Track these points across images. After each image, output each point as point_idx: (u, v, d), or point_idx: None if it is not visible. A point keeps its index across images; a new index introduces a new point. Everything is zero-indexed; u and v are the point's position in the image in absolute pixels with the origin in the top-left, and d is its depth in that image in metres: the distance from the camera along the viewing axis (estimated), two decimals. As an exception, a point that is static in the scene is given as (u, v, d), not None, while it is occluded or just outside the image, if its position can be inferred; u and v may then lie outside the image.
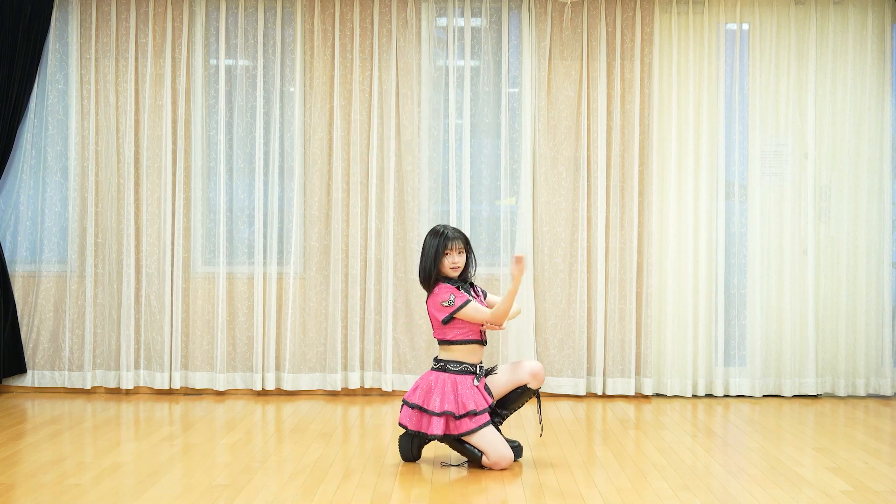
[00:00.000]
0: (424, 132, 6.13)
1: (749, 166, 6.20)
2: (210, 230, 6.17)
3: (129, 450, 4.61)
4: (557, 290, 6.09)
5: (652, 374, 6.09)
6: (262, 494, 3.84)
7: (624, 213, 6.11)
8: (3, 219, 6.12)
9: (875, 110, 6.19)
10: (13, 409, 5.63)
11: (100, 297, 6.09)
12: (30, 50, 6.01)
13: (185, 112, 6.12)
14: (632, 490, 3.95)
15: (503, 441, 4.26)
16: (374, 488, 3.94)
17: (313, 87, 6.11)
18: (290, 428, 5.16)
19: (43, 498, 3.76)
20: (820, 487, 4.01)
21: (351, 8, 6.12)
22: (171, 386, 6.08)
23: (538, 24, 6.13)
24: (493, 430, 4.24)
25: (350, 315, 6.09)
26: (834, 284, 6.18)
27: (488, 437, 4.21)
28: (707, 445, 4.84)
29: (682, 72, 6.18)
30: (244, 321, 6.12)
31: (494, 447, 4.20)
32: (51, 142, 6.13)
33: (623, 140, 6.12)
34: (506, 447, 4.23)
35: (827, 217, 6.22)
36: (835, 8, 6.21)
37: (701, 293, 6.14)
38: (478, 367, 4.34)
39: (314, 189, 6.10)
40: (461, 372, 4.29)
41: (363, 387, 6.14)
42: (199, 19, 6.12)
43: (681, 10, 6.20)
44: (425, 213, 6.12)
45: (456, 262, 4.27)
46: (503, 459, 4.21)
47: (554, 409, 5.77)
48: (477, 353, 4.36)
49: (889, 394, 6.20)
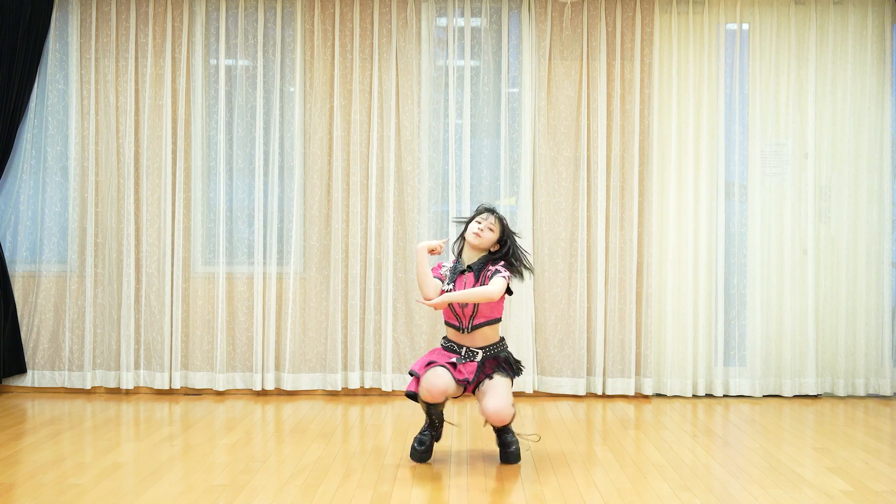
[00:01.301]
0: (424, 132, 6.13)
1: (749, 166, 6.20)
2: (210, 230, 6.17)
3: (129, 450, 4.61)
4: (557, 290, 6.09)
5: (652, 374, 6.09)
6: (262, 494, 3.84)
7: (624, 213, 6.11)
8: (3, 219, 6.12)
9: (875, 110, 6.19)
10: (13, 409, 5.63)
11: (100, 297, 6.09)
12: (30, 50, 6.01)
13: (185, 112, 6.12)
14: (632, 490, 3.95)
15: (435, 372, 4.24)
16: (374, 488, 3.94)
17: (313, 87, 6.11)
18: (290, 428, 5.16)
19: (43, 498, 3.76)
20: (820, 487, 4.01)
21: (351, 8, 6.12)
22: (171, 386, 6.08)
23: (538, 25, 6.13)
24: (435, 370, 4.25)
25: (350, 315, 6.09)
26: (834, 284, 6.18)
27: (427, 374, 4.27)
28: (707, 445, 4.84)
29: (682, 72, 6.18)
30: (244, 321, 6.12)
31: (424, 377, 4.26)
32: (51, 142, 6.13)
33: (623, 140, 6.12)
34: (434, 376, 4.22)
35: (827, 217, 6.22)
36: (835, 8, 6.21)
37: (701, 293, 6.14)
38: (464, 349, 4.36)
39: (314, 189, 6.10)
40: (448, 349, 4.42)
41: (363, 387, 6.14)
42: (199, 19, 6.12)
43: (681, 10, 6.20)
44: (425, 213, 6.12)
45: (480, 227, 4.36)
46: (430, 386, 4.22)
47: (554, 409, 5.77)
48: (460, 337, 4.38)
49: (889, 394, 6.20)
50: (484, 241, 4.36)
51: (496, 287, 4.25)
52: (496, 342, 4.42)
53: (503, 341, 4.47)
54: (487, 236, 4.37)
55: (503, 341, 4.47)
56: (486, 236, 4.36)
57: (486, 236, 4.36)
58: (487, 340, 4.40)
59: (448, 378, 4.26)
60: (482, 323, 4.36)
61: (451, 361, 4.34)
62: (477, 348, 4.38)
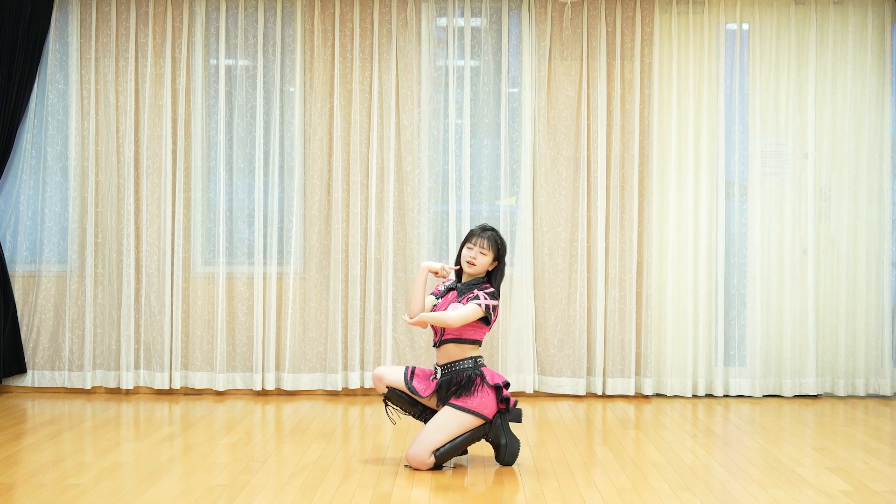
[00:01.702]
0: (424, 132, 6.13)
1: (749, 166, 6.20)
2: (210, 230, 6.17)
3: (129, 450, 4.61)
4: (557, 290, 6.09)
5: (652, 374, 6.09)
6: (262, 494, 3.84)
7: (624, 213, 6.11)
8: (3, 219, 6.12)
9: (875, 110, 6.19)
10: (13, 409, 5.63)
11: (100, 297, 6.09)
12: (30, 50, 6.01)
13: (185, 112, 6.12)
14: (632, 490, 3.95)
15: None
16: (374, 488, 3.94)
17: (313, 87, 6.11)
18: (290, 428, 5.15)
19: (43, 498, 3.76)
20: (820, 487, 4.01)
21: (351, 8, 6.12)
22: (171, 386, 6.08)
23: (538, 25, 6.13)
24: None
25: (350, 315, 6.09)
26: (834, 284, 6.18)
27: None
28: (707, 445, 4.84)
29: (682, 72, 6.18)
30: (244, 321, 6.12)
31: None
32: (51, 142, 6.13)
33: (623, 140, 6.12)
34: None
35: (827, 217, 6.22)
36: (835, 8, 6.21)
37: (701, 293, 6.14)
38: (437, 368, 4.29)
39: (314, 189, 6.10)
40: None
41: (363, 387, 6.14)
42: (199, 19, 6.12)
43: (681, 10, 6.20)
44: (425, 213, 6.12)
45: (471, 255, 4.22)
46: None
47: (554, 409, 5.77)
48: (439, 354, 4.30)
49: (889, 394, 6.20)
50: (478, 267, 4.23)
51: (458, 313, 4.13)
52: (457, 360, 4.22)
53: (468, 362, 4.22)
54: (481, 261, 4.23)
55: (468, 362, 4.22)
56: (479, 262, 4.23)
57: (479, 262, 4.23)
58: (450, 357, 4.24)
59: (395, 372, 4.28)
60: (449, 339, 4.24)
61: (432, 377, 4.32)
62: (439, 365, 4.28)
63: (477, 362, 4.25)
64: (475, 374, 4.22)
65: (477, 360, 4.25)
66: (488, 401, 4.20)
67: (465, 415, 4.17)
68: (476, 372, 4.22)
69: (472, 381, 4.21)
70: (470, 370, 4.22)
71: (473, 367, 4.22)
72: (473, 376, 4.21)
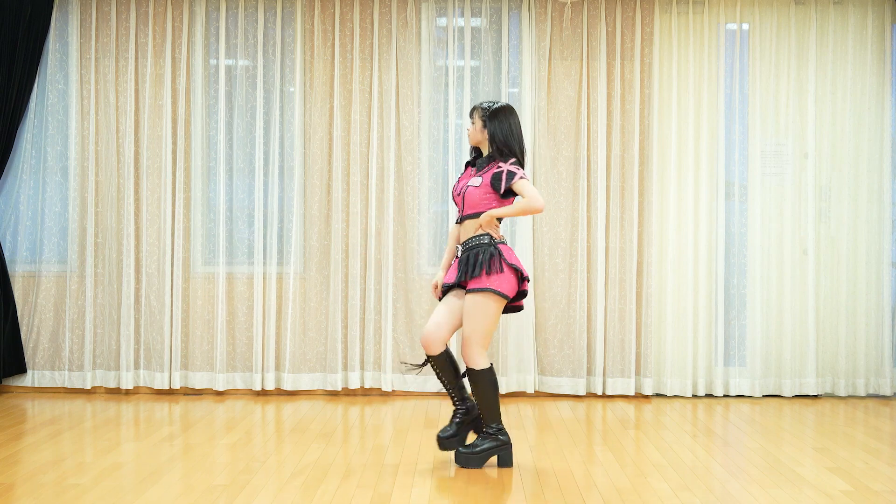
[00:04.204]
0: (424, 132, 6.13)
1: (749, 166, 6.20)
2: (210, 230, 6.17)
3: (129, 450, 4.61)
4: (557, 290, 6.09)
5: (652, 374, 6.09)
6: (262, 494, 3.84)
7: (624, 213, 6.11)
8: (3, 219, 6.12)
9: (875, 110, 6.19)
10: (13, 409, 5.63)
11: (100, 297, 6.09)
12: (30, 50, 6.01)
13: (185, 112, 6.12)
14: (632, 490, 3.95)
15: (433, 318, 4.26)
16: (374, 488, 3.94)
17: (313, 87, 6.11)
18: (290, 428, 5.16)
19: (43, 498, 3.76)
20: (820, 487, 4.01)
21: (351, 8, 6.12)
22: (170, 386, 6.08)
23: (538, 25, 6.13)
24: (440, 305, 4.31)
25: (350, 315, 6.09)
26: (834, 284, 6.18)
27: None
28: (707, 445, 4.84)
29: (682, 72, 6.18)
30: (244, 321, 6.12)
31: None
32: (51, 142, 6.13)
33: (623, 140, 6.12)
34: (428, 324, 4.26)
35: (827, 217, 6.22)
36: (835, 8, 6.21)
37: (701, 293, 6.14)
38: (458, 248, 4.33)
39: (314, 189, 6.10)
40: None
41: (363, 387, 6.14)
42: (199, 19, 6.12)
43: (681, 10, 6.20)
44: (425, 213, 6.12)
45: (467, 129, 4.44)
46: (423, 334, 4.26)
47: (554, 409, 5.77)
48: (461, 231, 4.31)
49: (889, 394, 6.20)
50: (473, 139, 4.35)
51: (526, 195, 4.11)
52: (475, 236, 4.22)
53: (485, 237, 4.20)
54: (472, 134, 4.34)
55: (485, 237, 4.20)
56: (470, 134, 4.35)
57: (470, 134, 4.35)
58: (468, 234, 4.26)
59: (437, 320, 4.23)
60: (468, 216, 4.26)
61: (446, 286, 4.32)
62: (460, 244, 4.33)
63: (487, 240, 4.20)
64: (494, 257, 4.18)
65: (488, 237, 4.20)
66: (506, 279, 4.18)
67: (486, 298, 4.16)
68: (493, 250, 4.19)
69: (491, 256, 4.18)
70: (486, 246, 4.21)
71: (489, 243, 4.21)
72: (492, 253, 4.19)
